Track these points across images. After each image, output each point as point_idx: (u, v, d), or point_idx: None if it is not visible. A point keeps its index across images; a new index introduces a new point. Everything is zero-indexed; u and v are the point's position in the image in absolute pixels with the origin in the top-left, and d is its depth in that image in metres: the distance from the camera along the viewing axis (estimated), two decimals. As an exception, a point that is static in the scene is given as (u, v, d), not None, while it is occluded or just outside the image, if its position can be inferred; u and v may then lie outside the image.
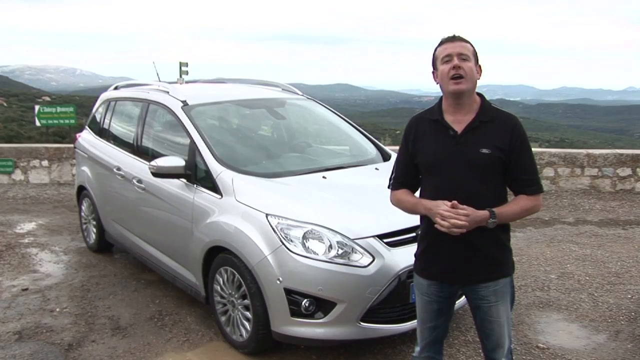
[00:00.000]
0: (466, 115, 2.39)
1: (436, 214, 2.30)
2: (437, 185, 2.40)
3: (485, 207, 2.30)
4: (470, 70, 2.34)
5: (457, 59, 2.33)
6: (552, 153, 8.69)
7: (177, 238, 4.09)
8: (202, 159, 3.91)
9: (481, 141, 2.34)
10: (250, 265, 3.35)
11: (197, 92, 4.94)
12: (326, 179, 3.91)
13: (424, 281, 2.53)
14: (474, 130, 2.37)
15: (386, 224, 3.33)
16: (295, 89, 5.39)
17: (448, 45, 2.37)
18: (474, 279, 2.42)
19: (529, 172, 2.39)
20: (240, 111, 4.91)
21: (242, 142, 4.54)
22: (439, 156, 2.39)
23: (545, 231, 6.56)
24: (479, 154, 2.33)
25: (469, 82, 2.35)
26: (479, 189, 2.33)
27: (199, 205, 3.82)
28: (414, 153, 2.48)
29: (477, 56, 2.41)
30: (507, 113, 2.45)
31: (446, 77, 2.35)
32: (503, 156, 2.33)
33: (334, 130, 5.08)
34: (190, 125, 4.16)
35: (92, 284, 4.90)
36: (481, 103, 2.43)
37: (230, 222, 3.53)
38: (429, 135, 2.45)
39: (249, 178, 3.77)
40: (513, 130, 2.35)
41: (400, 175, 2.58)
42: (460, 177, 2.34)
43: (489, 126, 2.37)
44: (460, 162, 2.35)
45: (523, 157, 2.36)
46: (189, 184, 3.96)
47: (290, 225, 3.30)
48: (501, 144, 2.33)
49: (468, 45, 2.38)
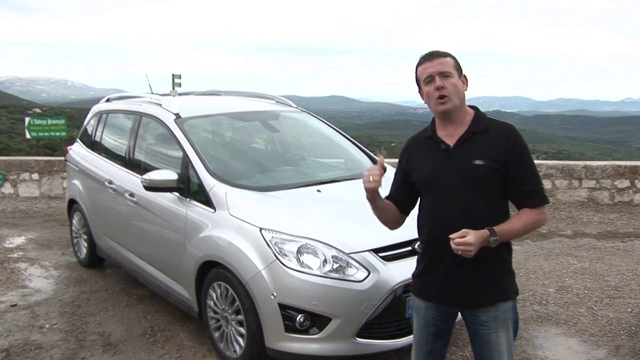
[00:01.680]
0: (458, 129, 2.37)
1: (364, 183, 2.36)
2: (434, 202, 2.38)
3: (484, 224, 2.25)
4: (454, 87, 2.31)
5: (439, 78, 2.30)
6: (550, 165, 8.73)
7: (169, 252, 4.09)
8: (195, 172, 3.92)
9: (474, 152, 2.30)
10: (244, 280, 3.35)
11: (190, 105, 4.97)
12: (321, 192, 3.93)
13: (421, 303, 2.48)
14: (466, 142, 2.33)
15: (382, 237, 3.33)
16: (289, 101, 5.42)
17: (427, 65, 2.34)
18: (473, 301, 2.36)
19: (530, 182, 2.31)
20: (234, 124, 4.94)
21: (235, 155, 4.56)
22: (433, 172, 2.37)
23: (543, 244, 6.58)
24: (472, 166, 2.28)
25: (455, 99, 2.32)
26: (476, 204, 2.28)
27: (191, 219, 3.83)
28: (409, 172, 2.48)
29: (460, 67, 2.38)
30: (503, 122, 2.40)
31: (432, 98, 2.33)
32: (499, 167, 2.28)
33: (329, 143, 5.11)
34: (183, 138, 4.18)
35: (82, 300, 4.88)
36: (474, 115, 2.40)
37: (223, 237, 3.54)
38: (423, 153, 2.44)
39: (243, 192, 3.79)
40: (508, 139, 2.30)
41: (393, 192, 2.58)
42: (455, 192, 2.30)
43: (482, 137, 2.33)
44: (454, 176, 2.31)
45: (522, 167, 2.30)
46: (181, 197, 3.97)
47: (285, 239, 3.31)
48: (496, 154, 2.28)
49: (448, 59, 2.34)
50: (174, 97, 5.42)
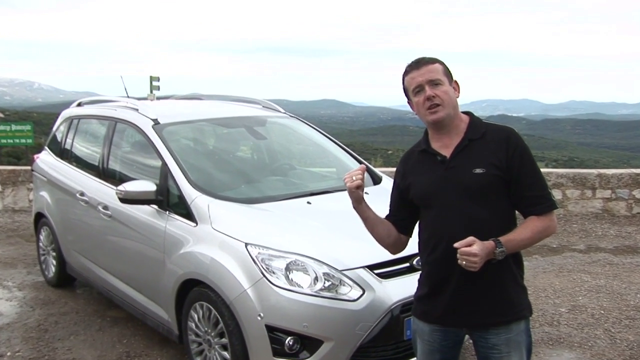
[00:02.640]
0: (453, 138, 2.40)
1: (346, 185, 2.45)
2: (434, 219, 2.40)
3: (490, 237, 2.27)
4: (446, 94, 2.35)
5: (429, 87, 2.34)
6: (560, 174, 8.76)
7: (147, 270, 4.12)
8: (175, 183, 3.95)
9: (473, 161, 2.33)
10: (228, 300, 3.38)
11: (170, 110, 5.01)
12: (311, 204, 3.97)
13: (425, 326, 2.48)
14: (463, 151, 2.36)
15: (377, 253, 3.34)
16: (277, 106, 5.48)
17: (415, 74, 2.37)
18: (483, 322, 2.37)
19: (536, 187, 2.34)
20: (217, 131, 4.99)
21: (219, 164, 4.60)
22: (431, 187, 2.39)
23: (554, 260, 6.61)
24: (472, 176, 2.31)
25: (447, 108, 2.36)
26: (480, 217, 2.31)
27: (171, 234, 3.86)
28: (406, 188, 2.51)
29: (450, 73, 2.42)
30: (500, 125, 2.44)
31: (422, 108, 2.37)
32: (501, 174, 2.31)
33: (320, 151, 5.17)
34: (162, 146, 4.21)
35: (50, 323, 4.88)
36: (470, 121, 2.43)
37: (206, 253, 3.57)
38: (418, 168, 2.47)
39: (227, 204, 3.83)
40: (508, 142, 2.34)
41: (393, 213, 2.62)
42: (457, 206, 2.33)
43: (480, 143, 2.36)
44: (455, 188, 2.34)
45: (525, 171, 2.32)
46: (160, 210, 4.00)
47: (272, 255, 3.34)
48: (496, 160, 2.31)
49: (437, 66, 2.38)
50: (151, 101, 5.47)
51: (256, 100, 5.57)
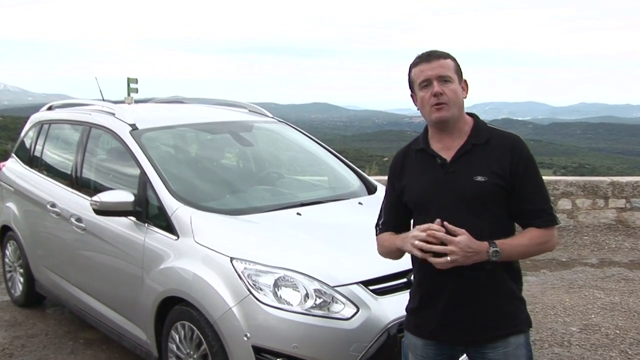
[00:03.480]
0: (456, 141, 2.43)
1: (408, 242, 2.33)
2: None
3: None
4: (454, 94, 2.38)
5: (437, 83, 2.36)
6: (569, 182, 8.76)
7: (124, 287, 4.12)
8: (155, 193, 3.97)
9: (475, 167, 2.37)
10: (212, 319, 3.39)
11: (149, 114, 5.05)
12: (301, 215, 4.00)
13: (418, 341, 2.52)
14: (465, 156, 2.40)
15: (372, 268, 3.41)
16: (264, 110, 5.52)
17: (424, 67, 2.40)
18: (480, 337, 2.40)
19: (538, 200, 2.39)
20: (200, 137, 5.02)
21: (202, 173, 4.64)
22: (427, 190, 2.43)
23: (563, 274, 6.63)
24: (473, 183, 2.35)
25: (454, 107, 2.38)
26: (477, 227, 2.33)
27: (150, 248, 3.87)
28: (401, 190, 2.53)
29: (461, 71, 2.45)
30: (506, 132, 2.49)
31: (427, 104, 2.39)
32: (503, 183, 2.35)
33: (310, 159, 5.21)
34: (141, 153, 4.23)
35: (16, 347, 4.85)
36: (473, 124, 2.47)
37: (188, 268, 3.59)
38: (415, 168, 2.50)
39: (211, 216, 3.85)
40: (513, 151, 2.38)
41: (389, 219, 2.63)
42: (454, 213, 2.35)
43: (483, 149, 2.40)
44: (453, 194, 2.37)
45: (529, 183, 2.37)
46: (139, 222, 4.02)
47: (259, 271, 3.37)
48: (499, 169, 2.35)
49: (448, 61, 2.41)
50: (129, 105, 5.48)
51: (242, 104, 5.60)
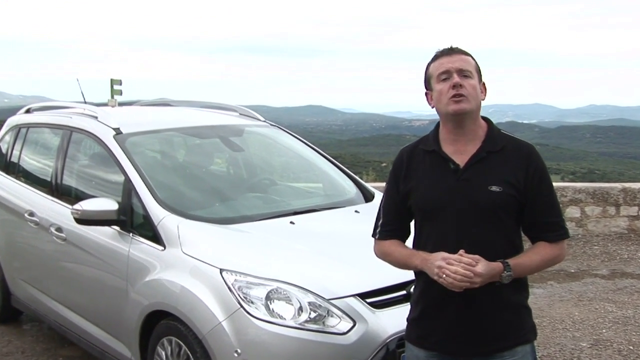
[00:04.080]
0: (469, 145, 2.45)
1: (433, 266, 2.34)
2: (437, 235, 2.45)
3: (495, 259, 2.34)
4: (474, 89, 2.41)
5: (458, 75, 2.40)
6: (578, 188, 8.81)
7: (107, 301, 4.13)
8: (140, 201, 3.99)
9: (490, 176, 2.40)
10: (200, 335, 3.40)
11: (134, 118, 5.06)
12: (295, 224, 4.02)
13: (420, 353, 2.54)
14: (480, 163, 2.42)
15: (370, 280, 3.43)
16: (255, 113, 5.53)
17: (445, 60, 2.44)
18: (487, 348, 2.43)
19: (551, 213, 2.44)
20: (188, 141, 5.05)
21: (190, 180, 4.66)
22: (438, 197, 2.44)
23: (572, 286, 6.64)
24: (487, 193, 2.38)
25: (473, 102, 2.40)
26: (488, 238, 2.38)
27: (135, 259, 3.88)
28: (407, 194, 2.54)
29: (481, 72, 2.49)
30: (521, 140, 2.52)
31: (445, 96, 2.40)
32: (517, 194, 2.38)
33: (304, 164, 5.24)
34: (125, 159, 4.24)
35: (-9, 366, 4.86)
36: (488, 129, 2.49)
37: (175, 280, 3.60)
38: (424, 171, 2.51)
39: (199, 225, 3.87)
40: (528, 161, 2.42)
41: (389, 221, 2.63)
42: (465, 223, 2.39)
43: (498, 157, 2.43)
44: (465, 203, 2.39)
45: (543, 195, 2.42)
46: (123, 232, 4.03)
47: (251, 283, 3.38)
48: (514, 180, 2.39)
49: (469, 59, 2.46)
50: (113, 107, 5.49)
51: (232, 107, 5.63)
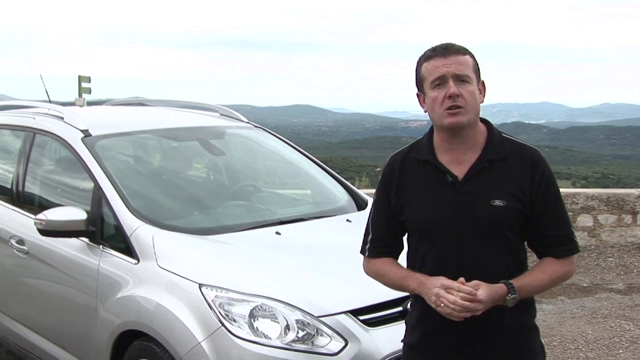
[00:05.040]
0: (468, 153, 2.43)
1: (430, 293, 2.33)
2: (435, 255, 2.45)
3: (500, 278, 2.35)
4: (472, 97, 2.36)
5: (454, 82, 2.34)
6: (591, 194, 8.83)
7: (74, 321, 4.12)
8: (111, 210, 3.98)
9: (492, 189, 2.38)
10: (178, 356, 3.40)
11: (105, 119, 5.07)
12: (281, 235, 4.04)
13: None
14: (480, 174, 2.40)
15: (363, 295, 3.44)
16: (238, 113, 5.53)
17: (439, 63, 2.37)
18: None
19: (559, 226, 2.43)
20: (164, 145, 5.06)
21: (166, 187, 4.67)
22: (435, 214, 2.42)
23: (585, 302, 6.66)
24: (490, 208, 2.36)
25: (471, 113, 2.36)
26: (493, 257, 2.39)
27: (106, 273, 3.88)
28: (399, 208, 2.52)
29: (479, 70, 2.44)
30: (525, 145, 2.50)
31: (439, 107, 2.36)
32: (523, 208, 2.37)
33: (291, 170, 5.26)
34: (95, 164, 4.23)
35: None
36: (488, 134, 2.47)
37: (150, 297, 3.60)
38: (418, 183, 2.48)
39: (176, 236, 3.88)
40: (534, 169, 2.40)
41: (380, 237, 2.62)
42: (466, 242, 2.39)
43: (500, 166, 2.41)
44: (465, 220, 2.38)
45: (549, 207, 2.40)
46: (92, 244, 4.02)
47: (233, 299, 3.39)
48: (519, 191, 2.37)
49: (467, 58, 2.40)
50: (81, 107, 5.48)
51: (212, 107, 5.64)
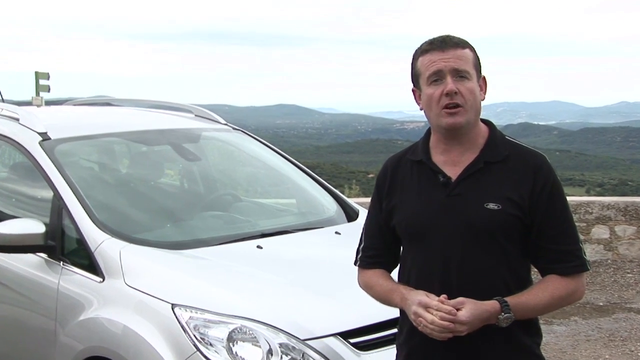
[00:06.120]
0: (465, 154, 2.47)
1: (410, 311, 2.36)
2: (422, 263, 2.48)
3: (496, 294, 2.35)
4: (472, 95, 2.39)
5: (452, 78, 2.37)
6: (606, 203, 8.88)
7: (31, 347, 4.10)
8: (73, 222, 3.97)
9: (487, 191, 2.41)
10: (147, 385, 3.42)
11: (65, 120, 5.07)
12: (262, 249, 4.04)
13: None
14: (475, 176, 2.44)
15: (353, 316, 3.45)
16: (215, 114, 5.52)
17: (437, 57, 2.40)
18: None
19: (564, 240, 2.43)
20: (133, 149, 5.06)
21: (135, 196, 4.68)
22: (424, 216, 2.46)
23: (601, 323, 6.68)
24: (483, 212, 2.39)
25: (470, 112, 2.40)
26: (486, 267, 2.40)
27: (67, 293, 3.87)
28: (389, 212, 2.57)
29: (480, 65, 2.48)
30: (529, 148, 2.52)
31: (436, 105, 2.40)
32: (521, 214, 2.39)
33: (274, 176, 5.28)
34: (55, 170, 4.22)
35: None
36: (489, 135, 2.51)
37: (116, 319, 3.59)
38: (410, 185, 2.53)
39: (146, 251, 3.88)
40: (536, 174, 2.41)
41: (372, 246, 2.67)
42: (455, 249, 2.41)
43: (499, 169, 2.44)
44: (455, 222, 2.41)
45: (553, 217, 2.41)
46: (51, 261, 4.01)
47: (210, 321, 3.39)
48: (517, 196, 2.39)
49: (467, 52, 2.43)
50: (38, 107, 5.48)
51: (186, 107, 5.63)
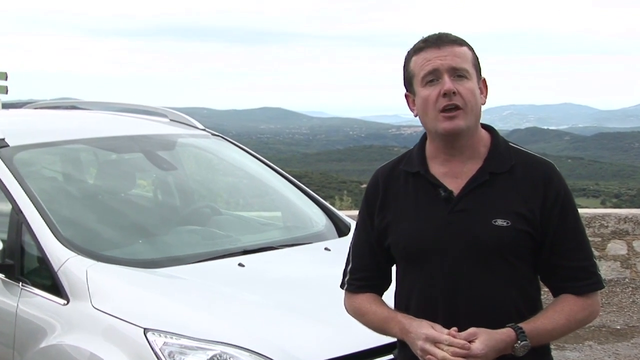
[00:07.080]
0: (467, 165, 2.46)
1: (415, 345, 2.33)
2: (423, 288, 2.46)
3: (505, 320, 2.35)
4: (472, 95, 2.38)
5: (450, 77, 2.36)
6: (624, 216, 8.87)
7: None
8: (34, 238, 3.96)
9: (494, 206, 2.39)
10: (116, 419, 3.40)
11: (26, 125, 5.06)
12: (244, 267, 4.04)
13: None
14: (480, 189, 2.42)
15: (345, 340, 3.45)
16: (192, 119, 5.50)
17: (432, 55, 2.38)
18: None
19: (578, 256, 2.43)
20: (101, 157, 5.06)
21: (103, 209, 4.67)
22: (424, 236, 2.44)
23: (618, 348, 6.71)
24: (490, 228, 2.37)
25: (470, 115, 2.38)
26: (495, 291, 2.40)
27: (26, 317, 3.86)
28: (383, 230, 2.54)
29: (479, 66, 2.47)
30: (536, 156, 2.51)
31: (432, 108, 2.37)
32: (532, 230, 2.38)
33: (257, 187, 5.28)
34: (13, 181, 4.21)
35: None
36: (491, 142, 2.50)
37: (82, 346, 3.58)
38: (407, 200, 2.50)
39: (116, 269, 3.88)
40: (547, 185, 2.41)
41: (362, 267, 2.64)
42: (462, 271, 2.40)
43: (505, 180, 2.42)
44: (460, 242, 2.39)
45: (567, 232, 2.41)
46: (9, 281, 4.00)
47: (186, 347, 3.38)
48: (526, 210, 2.38)
49: (464, 50, 2.43)
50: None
51: (161, 111, 5.61)
